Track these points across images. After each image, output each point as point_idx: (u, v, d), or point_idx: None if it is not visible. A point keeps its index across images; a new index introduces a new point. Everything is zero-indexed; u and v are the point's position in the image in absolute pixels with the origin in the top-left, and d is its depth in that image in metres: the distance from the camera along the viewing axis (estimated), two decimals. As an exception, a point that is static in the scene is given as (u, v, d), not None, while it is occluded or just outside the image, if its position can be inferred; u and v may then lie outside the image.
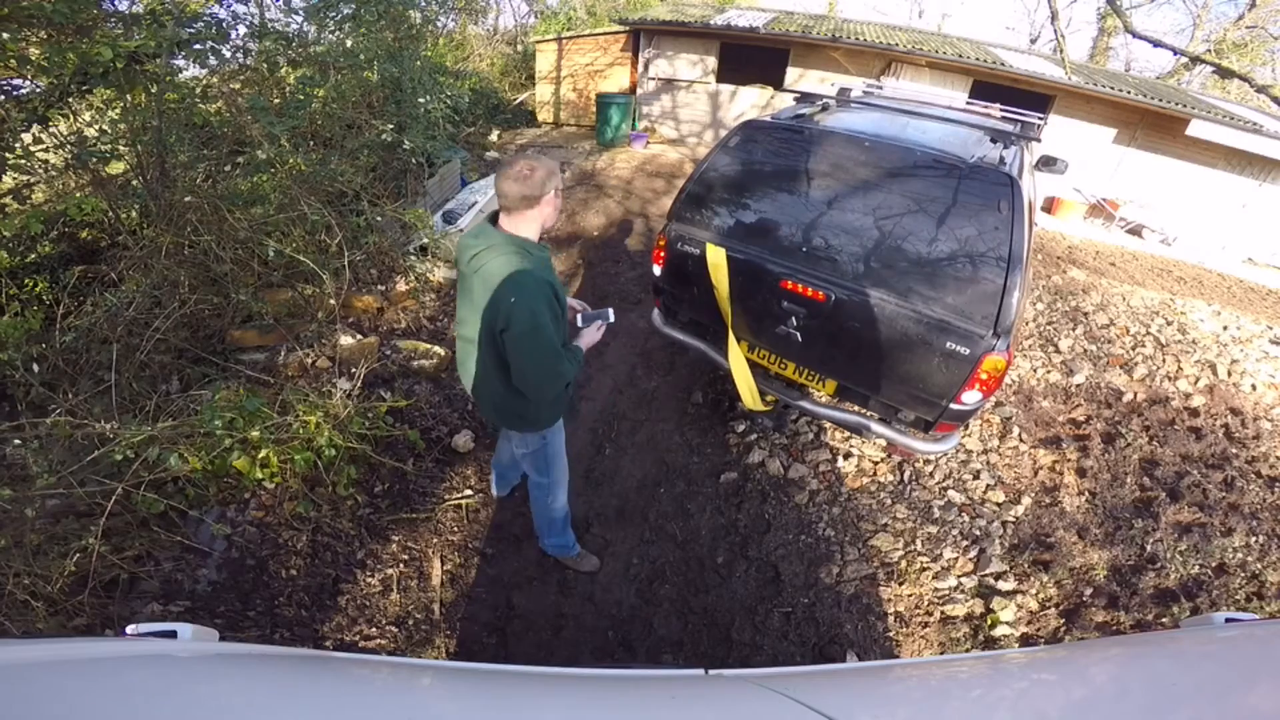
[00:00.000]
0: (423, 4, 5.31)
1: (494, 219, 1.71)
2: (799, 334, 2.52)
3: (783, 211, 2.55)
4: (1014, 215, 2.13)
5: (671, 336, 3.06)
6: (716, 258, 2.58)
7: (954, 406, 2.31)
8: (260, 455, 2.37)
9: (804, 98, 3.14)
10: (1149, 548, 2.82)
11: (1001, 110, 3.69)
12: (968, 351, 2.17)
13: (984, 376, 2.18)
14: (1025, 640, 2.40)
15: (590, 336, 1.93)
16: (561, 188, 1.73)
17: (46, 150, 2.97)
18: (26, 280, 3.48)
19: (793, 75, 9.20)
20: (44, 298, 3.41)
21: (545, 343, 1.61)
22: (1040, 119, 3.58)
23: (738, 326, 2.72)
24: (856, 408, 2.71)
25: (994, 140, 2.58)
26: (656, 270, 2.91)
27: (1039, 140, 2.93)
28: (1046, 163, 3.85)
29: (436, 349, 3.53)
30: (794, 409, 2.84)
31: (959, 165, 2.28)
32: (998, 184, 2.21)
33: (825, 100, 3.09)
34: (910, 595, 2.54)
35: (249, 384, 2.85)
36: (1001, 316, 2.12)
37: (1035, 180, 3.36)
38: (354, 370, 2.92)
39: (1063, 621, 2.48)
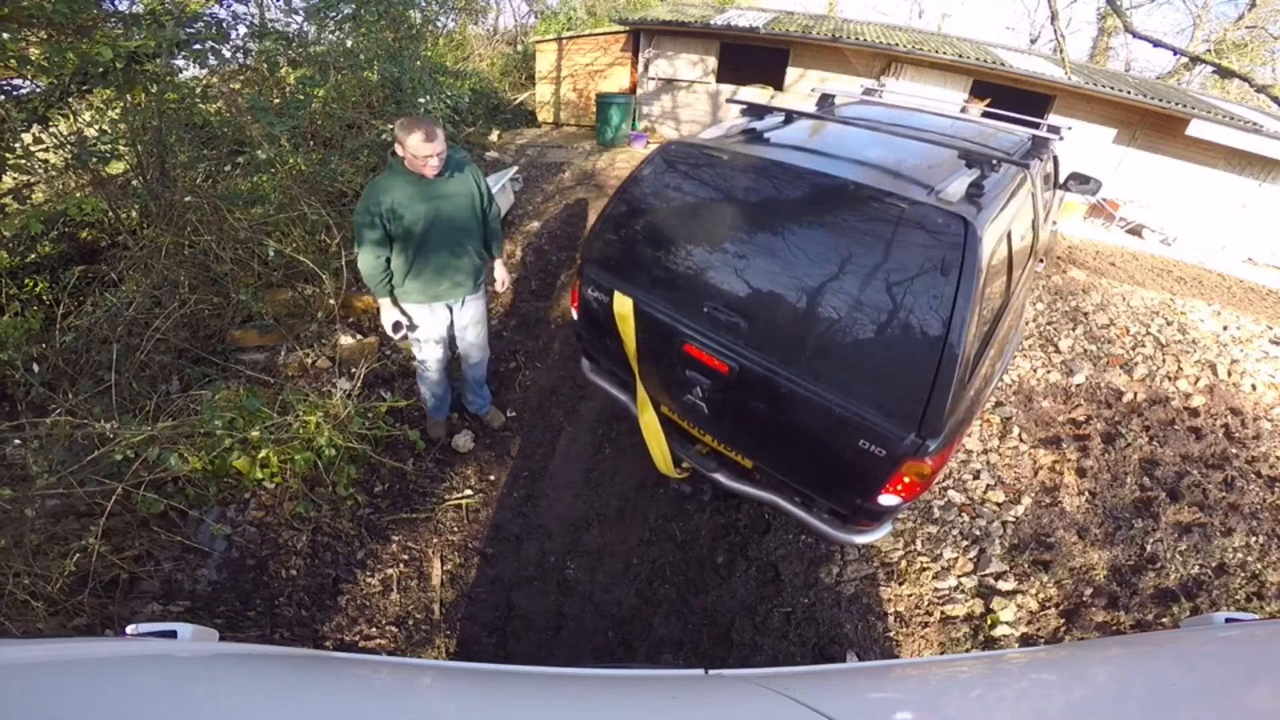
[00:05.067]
0: (423, 4, 5.32)
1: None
2: (704, 405, 2.17)
3: (689, 260, 2.13)
4: (961, 280, 1.60)
5: (599, 386, 2.73)
6: (623, 308, 2.24)
7: (869, 507, 1.93)
8: (260, 455, 2.37)
9: (751, 109, 2.57)
10: (1149, 548, 2.82)
11: (984, 109, 3.49)
12: (883, 453, 1.73)
13: (906, 480, 1.77)
14: (1025, 640, 2.40)
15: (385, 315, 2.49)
16: (412, 151, 2.18)
17: (46, 150, 2.97)
18: (26, 280, 3.49)
19: (793, 75, 9.20)
20: (44, 298, 3.41)
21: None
22: (1068, 127, 3.05)
23: (650, 386, 2.40)
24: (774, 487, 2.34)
25: (970, 164, 1.94)
26: (575, 314, 2.59)
27: (1041, 160, 2.47)
28: (1080, 181, 3.53)
29: (436, 349, 3.52)
30: (708, 480, 2.44)
31: (899, 206, 1.76)
32: (943, 234, 1.66)
33: (781, 112, 2.58)
34: (910, 595, 2.54)
35: (249, 384, 2.86)
36: (929, 416, 1.64)
37: (1040, 203, 2.74)
38: (354, 370, 2.92)
39: (1063, 621, 2.48)
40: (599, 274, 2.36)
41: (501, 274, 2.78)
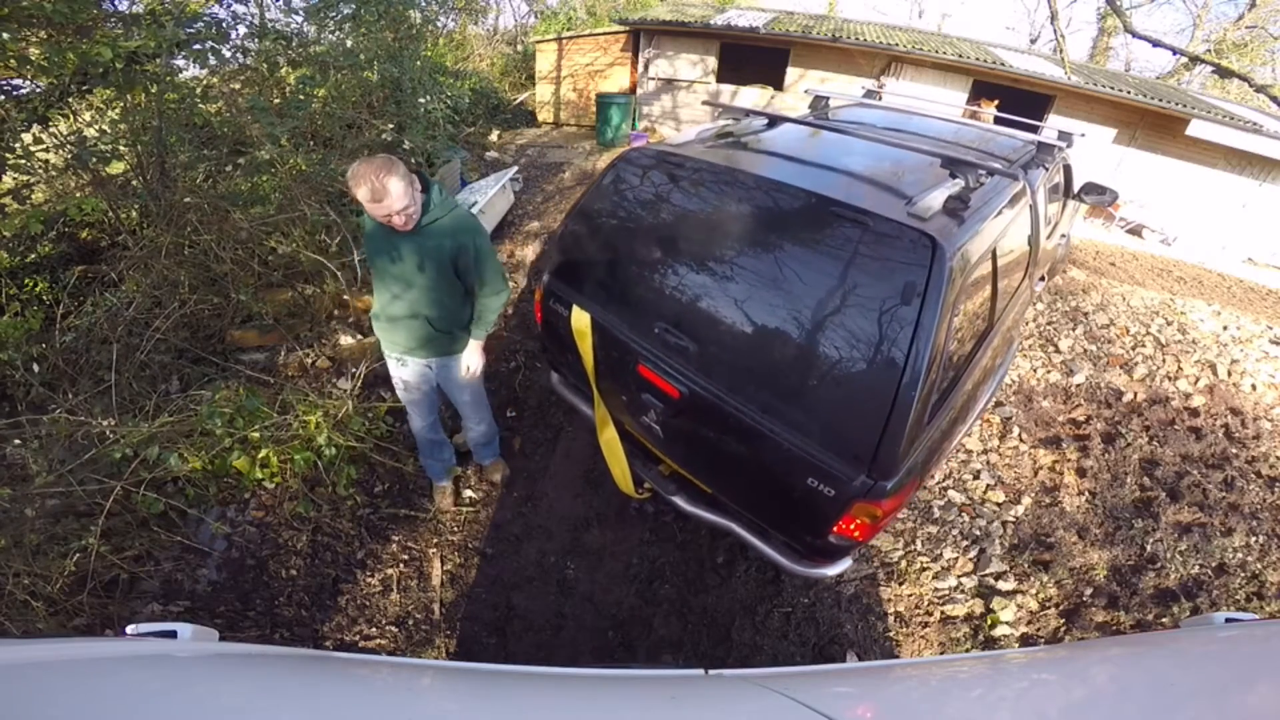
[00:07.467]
0: (423, 4, 5.32)
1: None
2: (659, 428, 2.07)
3: (643, 275, 2.02)
4: (924, 307, 1.43)
5: (567, 399, 2.64)
6: (580, 323, 2.15)
7: (820, 545, 1.82)
8: (260, 455, 2.37)
9: (727, 111, 2.46)
10: (1149, 548, 2.82)
11: (996, 113, 3.44)
12: (832, 493, 1.60)
13: (858, 521, 1.64)
14: (1025, 640, 2.40)
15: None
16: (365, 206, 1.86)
17: (46, 150, 2.97)
18: (26, 280, 3.49)
19: (793, 75, 9.21)
20: (44, 298, 3.42)
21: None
22: (1080, 134, 2.96)
23: (609, 404, 2.31)
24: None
25: (956, 175, 1.74)
26: (538, 326, 2.52)
27: (1045, 169, 2.35)
28: (1095, 191, 3.44)
29: (436, 349, 3.53)
30: (668, 503, 2.35)
31: (862, 221, 1.58)
32: (908, 254, 1.49)
33: (763, 115, 2.45)
34: (910, 595, 2.54)
35: (249, 384, 2.86)
36: (883, 455, 1.50)
37: (1043, 216, 2.58)
38: (354, 370, 2.92)
39: (1063, 621, 2.48)
40: (558, 286, 2.27)
41: (474, 361, 2.26)
